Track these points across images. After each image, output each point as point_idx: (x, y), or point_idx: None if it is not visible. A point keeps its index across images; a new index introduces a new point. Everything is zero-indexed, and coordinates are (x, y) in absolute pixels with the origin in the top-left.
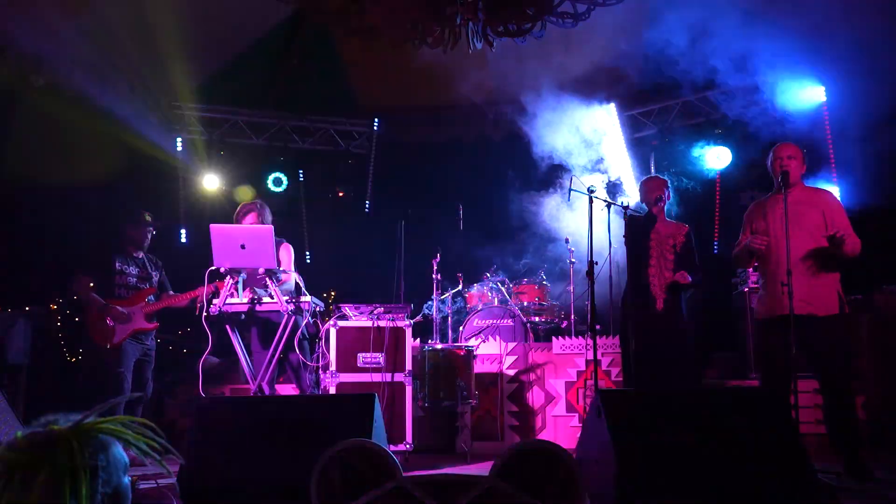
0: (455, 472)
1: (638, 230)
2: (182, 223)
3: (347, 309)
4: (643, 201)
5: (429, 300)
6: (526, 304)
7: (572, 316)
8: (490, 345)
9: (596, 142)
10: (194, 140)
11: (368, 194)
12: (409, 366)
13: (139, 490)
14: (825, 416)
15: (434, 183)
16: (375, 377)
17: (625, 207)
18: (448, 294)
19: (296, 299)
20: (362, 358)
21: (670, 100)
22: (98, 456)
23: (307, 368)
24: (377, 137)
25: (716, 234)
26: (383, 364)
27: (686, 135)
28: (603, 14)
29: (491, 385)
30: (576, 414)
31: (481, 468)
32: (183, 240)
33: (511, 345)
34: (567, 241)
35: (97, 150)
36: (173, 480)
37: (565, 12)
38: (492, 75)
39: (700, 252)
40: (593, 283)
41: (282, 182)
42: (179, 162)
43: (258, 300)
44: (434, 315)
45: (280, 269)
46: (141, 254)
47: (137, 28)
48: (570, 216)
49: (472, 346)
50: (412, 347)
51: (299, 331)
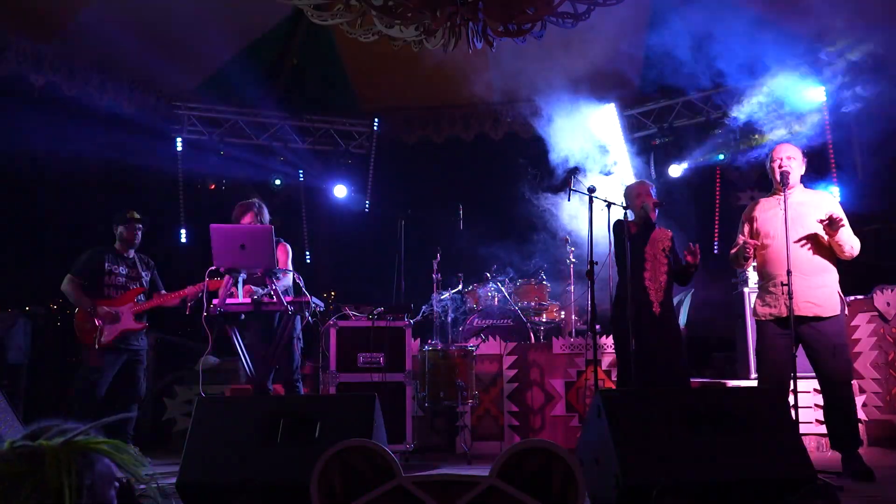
0: (455, 472)
1: (634, 236)
2: (182, 223)
3: (347, 309)
4: (635, 206)
5: (429, 300)
6: (526, 304)
7: (572, 316)
8: (490, 345)
9: (596, 142)
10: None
11: (368, 194)
12: (409, 366)
13: (139, 490)
14: (825, 416)
15: (434, 183)
16: (375, 377)
17: (625, 208)
18: (448, 294)
19: (296, 299)
20: (362, 358)
21: (671, 100)
22: (85, 475)
23: (297, 369)
24: (377, 137)
25: (716, 235)
26: (383, 364)
27: (686, 135)
28: (604, 14)
29: (491, 385)
30: (576, 414)
31: (481, 468)
32: (183, 239)
33: (511, 345)
34: (567, 241)
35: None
36: (173, 480)
37: (565, 12)
38: (492, 75)
39: (700, 253)
40: (593, 283)
41: (281, 182)
42: (179, 162)
43: (258, 300)
44: (434, 315)
45: (279, 269)
46: (132, 253)
47: (137, 27)
48: (571, 216)
49: (472, 346)
50: (412, 347)
51: (297, 331)
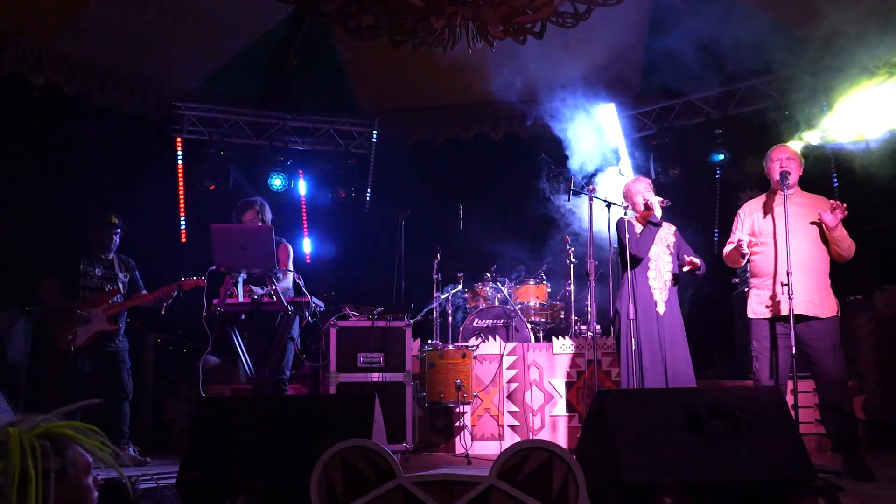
0: (455, 472)
1: (639, 235)
2: (182, 223)
3: (347, 309)
4: (633, 203)
5: (429, 300)
6: (526, 304)
7: (572, 316)
8: (490, 345)
9: (597, 141)
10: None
11: (368, 194)
12: (409, 366)
13: (139, 490)
14: (823, 417)
15: (434, 183)
16: (375, 377)
17: (625, 208)
18: (448, 294)
19: (296, 299)
20: (362, 358)
21: (671, 100)
22: (51, 459)
23: (286, 368)
24: (377, 137)
25: (716, 235)
26: (383, 364)
27: (686, 135)
28: (604, 14)
29: (491, 385)
30: (576, 414)
31: (481, 468)
32: (183, 239)
33: (511, 345)
34: (567, 241)
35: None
36: (173, 480)
37: (565, 12)
38: (493, 75)
39: (700, 253)
40: (593, 284)
41: (281, 182)
42: (179, 162)
43: (258, 300)
44: (434, 315)
45: (279, 269)
46: (111, 255)
47: (138, 27)
48: (571, 215)
49: (472, 346)
50: (412, 347)
51: (295, 332)
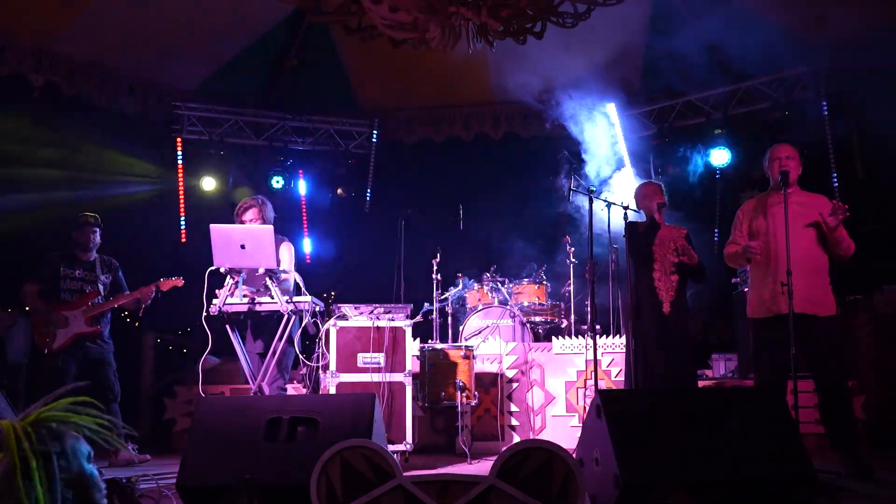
0: (455, 472)
1: (640, 236)
2: (183, 223)
3: (347, 309)
4: (642, 207)
5: (429, 300)
6: (526, 304)
7: (572, 316)
8: (490, 345)
9: (597, 141)
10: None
11: (368, 194)
12: (409, 366)
13: (138, 490)
14: (822, 416)
15: (434, 183)
16: (375, 377)
17: (625, 207)
18: (448, 294)
19: (295, 299)
20: (362, 358)
21: (671, 99)
22: (50, 443)
23: (286, 372)
24: (377, 137)
25: (716, 234)
26: (383, 364)
27: (686, 135)
28: (604, 14)
29: (491, 385)
30: (576, 414)
31: (481, 468)
32: (183, 240)
33: (511, 345)
34: (567, 241)
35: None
36: (173, 480)
37: (565, 12)
38: (492, 75)
39: (700, 253)
40: (593, 283)
41: (281, 182)
42: (180, 162)
43: (258, 300)
44: (434, 315)
45: (280, 269)
46: (93, 256)
47: (137, 27)
48: (572, 215)
49: (472, 346)
50: (412, 347)
51: (295, 333)
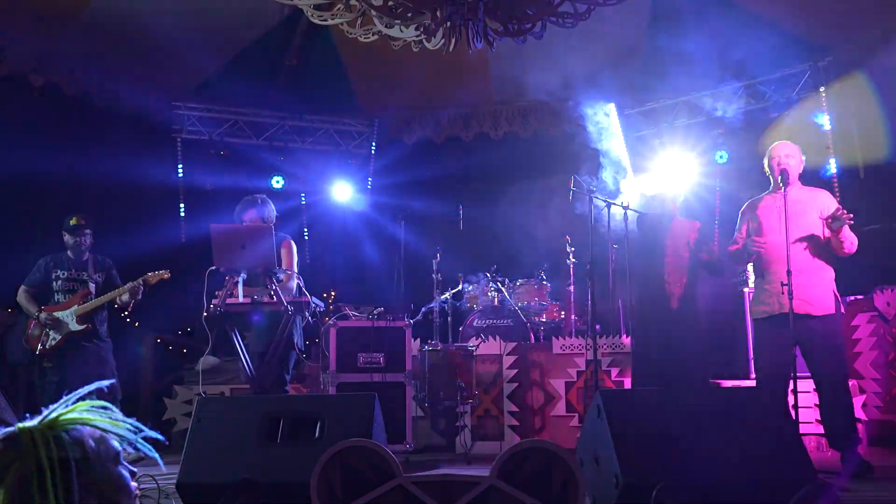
0: (455, 472)
1: (652, 230)
2: (182, 223)
3: (347, 309)
4: (667, 206)
5: (429, 300)
6: (526, 304)
7: (572, 316)
8: (490, 345)
9: (597, 141)
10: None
11: (368, 194)
12: (409, 366)
13: (138, 490)
14: (822, 416)
15: (434, 183)
16: (375, 377)
17: (625, 207)
18: (448, 294)
19: (296, 299)
20: (362, 358)
21: (671, 99)
22: (69, 447)
23: (289, 371)
24: (377, 137)
25: (716, 234)
26: (383, 364)
27: (686, 134)
28: (605, 13)
29: (491, 385)
30: (576, 414)
31: (481, 468)
32: (183, 239)
33: (511, 345)
34: (567, 241)
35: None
36: (173, 480)
37: (565, 12)
38: (492, 75)
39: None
40: (593, 283)
41: (281, 182)
42: (180, 162)
43: (258, 300)
44: (434, 315)
45: (280, 269)
46: (85, 256)
47: (137, 27)
48: (571, 215)
49: (472, 346)
50: (412, 347)
51: (297, 334)
